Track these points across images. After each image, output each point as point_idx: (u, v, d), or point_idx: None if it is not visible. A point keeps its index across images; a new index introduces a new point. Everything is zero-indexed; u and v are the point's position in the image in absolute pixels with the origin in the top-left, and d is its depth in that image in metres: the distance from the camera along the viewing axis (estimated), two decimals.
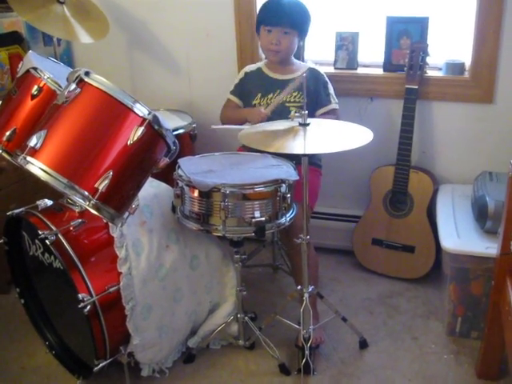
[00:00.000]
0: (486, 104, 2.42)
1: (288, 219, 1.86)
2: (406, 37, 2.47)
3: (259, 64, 2.43)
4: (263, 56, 2.62)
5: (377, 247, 2.60)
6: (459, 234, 2.09)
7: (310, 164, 1.81)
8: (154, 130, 1.55)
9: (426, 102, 2.48)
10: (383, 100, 2.57)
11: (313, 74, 2.34)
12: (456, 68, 2.45)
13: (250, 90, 2.37)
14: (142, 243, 1.87)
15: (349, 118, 2.45)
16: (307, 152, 1.60)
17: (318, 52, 2.68)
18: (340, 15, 2.62)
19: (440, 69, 2.53)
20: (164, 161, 1.69)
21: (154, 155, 1.62)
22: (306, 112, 1.68)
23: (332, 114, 2.32)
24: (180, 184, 1.85)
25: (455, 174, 2.56)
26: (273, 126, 1.78)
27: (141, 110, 1.53)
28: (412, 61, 2.40)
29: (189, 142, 2.52)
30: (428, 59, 2.39)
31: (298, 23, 2.26)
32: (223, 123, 2.42)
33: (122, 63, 2.89)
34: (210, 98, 2.76)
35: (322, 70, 2.59)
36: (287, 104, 2.27)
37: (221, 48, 2.70)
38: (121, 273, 1.80)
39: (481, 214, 2.08)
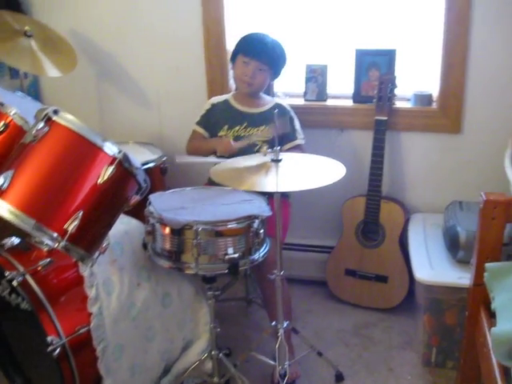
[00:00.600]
0: (454, 134, 2.46)
1: (261, 255, 1.84)
2: (375, 69, 2.51)
3: (226, 96, 2.44)
4: (233, 88, 2.63)
5: (350, 278, 2.59)
6: (432, 265, 2.10)
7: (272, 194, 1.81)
8: (124, 169, 1.52)
9: (395, 132, 2.51)
10: (353, 131, 2.59)
11: (279, 108, 2.34)
12: (424, 99, 2.49)
13: (216, 121, 2.37)
14: (112, 282, 1.82)
15: (319, 149, 2.46)
16: (280, 190, 1.59)
17: (287, 84, 2.69)
18: (309, 47, 2.64)
19: (408, 100, 2.57)
20: (135, 198, 1.66)
21: (124, 194, 1.59)
22: (279, 148, 1.67)
23: (298, 149, 2.33)
24: (151, 221, 1.82)
25: (426, 204, 2.59)
26: (244, 162, 1.77)
27: (110, 148, 1.50)
28: (381, 92, 2.43)
29: (159, 176, 2.49)
30: (396, 90, 2.43)
31: (275, 63, 2.30)
32: (191, 154, 2.41)
33: (91, 96, 2.87)
34: (180, 131, 2.72)
35: (292, 101, 2.63)
36: (254, 138, 2.27)
37: (191, 82, 2.70)
38: (91, 313, 1.74)
39: (452, 244, 2.10)
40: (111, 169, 1.48)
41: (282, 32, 2.59)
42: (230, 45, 2.60)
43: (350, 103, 2.59)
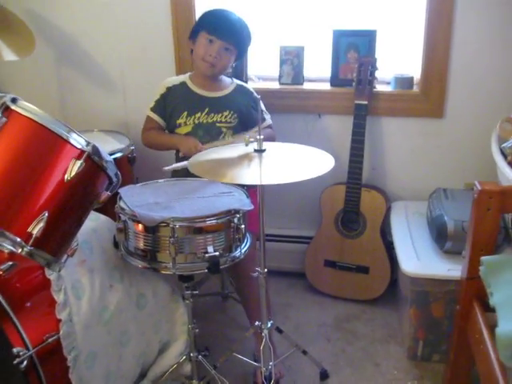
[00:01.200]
0: (436, 119, 2.38)
1: (243, 251, 1.72)
2: (354, 50, 2.40)
3: (182, 78, 2.22)
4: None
5: (330, 269, 2.50)
6: (418, 256, 2.02)
7: (253, 186, 1.70)
8: (93, 163, 1.37)
9: (375, 117, 2.41)
10: (331, 116, 2.48)
11: (242, 90, 2.21)
12: (405, 82, 2.39)
13: (174, 107, 2.15)
14: (82, 285, 1.67)
15: (295, 136, 2.37)
16: (264, 183, 1.46)
17: (261, 67, 2.55)
18: (284, 28, 2.51)
19: (388, 83, 2.46)
20: (105, 194, 1.51)
21: (94, 190, 1.44)
22: (262, 137, 1.54)
23: (270, 129, 2.20)
24: (123, 218, 1.67)
25: (407, 191, 2.51)
26: (224, 153, 1.63)
27: (78, 140, 1.34)
28: (360, 75, 2.32)
29: (127, 166, 2.33)
30: (377, 73, 2.32)
31: (242, 44, 2.12)
32: (146, 146, 2.24)
33: (51, 81, 2.67)
34: None
35: (266, 85, 2.50)
36: (218, 124, 2.12)
37: (158, 63, 2.53)
38: (60, 320, 1.59)
39: (440, 234, 2.01)
40: (79, 163, 1.33)
41: (253, 10, 2.45)
42: None
43: (327, 87, 2.47)
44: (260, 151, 1.55)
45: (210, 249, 1.61)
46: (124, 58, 2.56)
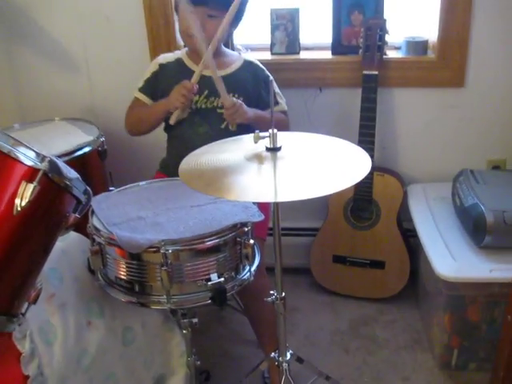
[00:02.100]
0: (456, 88, 2.05)
1: (253, 271, 1.38)
2: (358, 12, 2.04)
3: (178, 53, 1.87)
4: (182, 43, 2.09)
5: (339, 265, 2.19)
6: (453, 255, 1.71)
7: None
8: (52, 184, 1.01)
9: (385, 89, 2.07)
10: (335, 90, 2.13)
11: (250, 68, 1.85)
12: (418, 47, 2.05)
13: (167, 88, 1.78)
14: (52, 326, 1.32)
15: (293, 114, 2.02)
16: (281, 200, 1.10)
17: (250, 35, 2.17)
18: None
19: (397, 48, 2.12)
20: (73, 218, 1.15)
21: (57, 217, 1.08)
22: (276, 131, 1.18)
23: (281, 114, 1.84)
24: (98, 240, 1.31)
25: (423, 172, 2.20)
26: (225, 154, 1.26)
27: (27, 155, 0.98)
28: (368, 41, 1.97)
29: (97, 162, 1.94)
30: (387, 37, 1.97)
31: (227, 3, 1.68)
32: (129, 128, 1.88)
33: (1, 64, 2.24)
34: (116, 101, 2.16)
35: (257, 56, 2.12)
36: (219, 110, 1.76)
37: (126, 36, 2.13)
38: (27, 376, 1.25)
39: (477, 228, 1.70)
40: (32, 187, 0.97)
41: None
42: None
43: (328, 55, 2.11)
44: (274, 150, 1.18)
45: (214, 275, 1.27)
46: (86, 33, 2.14)
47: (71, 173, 1.04)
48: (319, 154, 1.23)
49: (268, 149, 1.19)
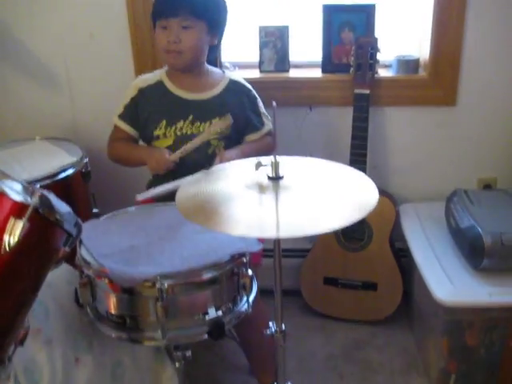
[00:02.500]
0: (447, 107, 2.03)
1: (251, 301, 1.32)
2: (348, 29, 2.00)
3: (158, 74, 1.76)
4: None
5: (331, 287, 2.14)
6: (450, 279, 1.67)
7: None
8: (43, 220, 0.93)
9: (377, 108, 2.04)
10: (325, 108, 2.09)
11: (236, 89, 1.77)
12: (410, 65, 2.03)
13: (148, 114, 1.71)
14: (38, 365, 1.25)
15: (283, 134, 1.97)
16: (284, 236, 1.02)
17: (238, 52, 2.12)
18: (265, 4, 2.08)
19: (387, 66, 2.09)
20: (62, 252, 1.08)
21: (47, 253, 1.00)
22: (279, 160, 1.12)
23: (269, 136, 1.79)
24: (87, 272, 1.24)
25: (414, 191, 2.17)
26: (225, 183, 1.19)
27: (15, 189, 0.91)
28: (359, 59, 1.94)
29: (81, 184, 1.85)
30: (378, 56, 1.94)
31: (203, 11, 1.61)
32: (112, 160, 1.81)
33: None
34: (99, 120, 2.11)
35: (245, 74, 2.06)
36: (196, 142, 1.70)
37: (111, 52, 2.06)
38: None
39: (474, 250, 1.67)
40: (21, 224, 0.89)
41: None
42: None
43: (318, 74, 2.07)
44: (276, 179, 1.13)
45: (211, 309, 1.21)
46: (68, 49, 2.06)
47: (63, 207, 0.96)
48: (323, 183, 1.17)
49: (270, 178, 1.13)
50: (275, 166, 1.12)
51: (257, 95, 1.81)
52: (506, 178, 2.08)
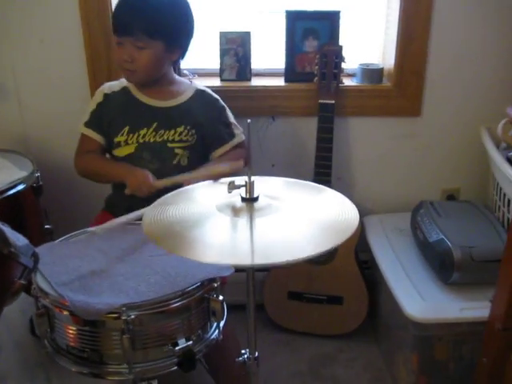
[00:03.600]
0: (412, 117, 2.01)
1: (222, 327, 1.25)
2: (313, 37, 1.96)
3: (124, 81, 1.70)
4: None
5: (295, 302, 2.08)
6: (421, 294, 1.64)
7: None
8: None
9: (341, 118, 1.99)
10: (288, 119, 2.03)
11: (202, 98, 1.72)
12: (374, 74, 2.00)
13: (111, 120, 1.65)
14: None
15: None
16: (258, 262, 0.94)
17: (198, 59, 2.03)
18: (225, 9, 2.01)
19: (350, 75, 2.05)
20: (18, 284, 0.98)
21: (2, 288, 0.91)
22: (253, 180, 1.05)
23: (240, 149, 1.73)
24: (44, 303, 1.14)
25: (378, 203, 2.14)
26: (196, 205, 1.11)
27: None
28: (324, 68, 1.89)
29: (32, 199, 1.73)
30: (343, 65, 1.90)
31: (158, 31, 1.54)
32: (80, 174, 1.71)
33: None
34: (51, 130, 2.01)
35: (205, 82, 1.98)
36: (169, 144, 1.63)
37: (63, 60, 1.93)
38: None
39: (444, 265, 1.64)
40: None
41: None
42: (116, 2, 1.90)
43: (281, 82, 2.01)
44: (250, 200, 1.06)
45: (181, 340, 1.13)
46: (16, 55, 1.92)
47: (19, 239, 0.87)
48: (301, 205, 1.11)
49: (244, 199, 1.06)
50: (249, 186, 1.04)
51: (225, 105, 1.75)
52: (470, 188, 2.09)
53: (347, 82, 2.00)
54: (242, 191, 1.06)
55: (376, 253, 1.88)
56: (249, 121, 1.10)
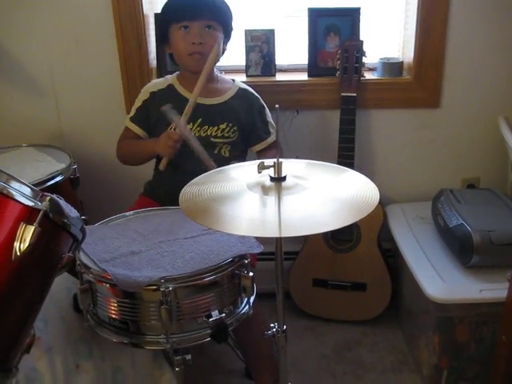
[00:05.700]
0: (431, 109, 2.07)
1: (252, 302, 1.33)
2: (334, 33, 2.03)
3: (169, 79, 1.81)
4: (154, 64, 2.04)
5: (320, 289, 2.15)
6: (441, 276, 1.70)
7: None
8: (52, 224, 0.93)
9: (363, 110, 2.06)
10: (312, 112, 2.11)
11: (244, 97, 1.82)
12: (394, 68, 2.06)
13: (158, 117, 1.73)
14: (39, 374, 1.24)
15: None
16: (286, 235, 1.02)
17: (224, 56, 2.11)
18: (250, 8, 2.09)
19: (371, 69, 2.12)
20: (67, 257, 1.07)
21: (54, 258, 1.00)
22: (282, 161, 1.14)
23: (274, 148, 1.81)
24: (87, 278, 1.23)
25: (399, 192, 2.19)
26: (228, 184, 1.20)
27: (24, 193, 0.90)
28: (346, 63, 1.96)
29: (70, 191, 1.83)
30: (364, 59, 1.97)
31: (222, 15, 1.70)
32: (121, 160, 1.82)
33: None
34: (86, 125, 2.12)
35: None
36: (212, 139, 1.73)
37: (96, 58, 2.04)
38: None
39: (464, 248, 1.70)
40: (31, 229, 0.89)
41: None
42: (147, 5, 2.00)
43: (304, 77, 2.09)
44: (278, 179, 1.14)
45: (214, 312, 1.21)
46: (53, 54, 2.03)
47: (72, 212, 0.96)
48: (325, 184, 1.18)
49: (272, 178, 1.14)
50: (278, 166, 1.13)
51: (264, 104, 1.85)
52: (489, 177, 2.13)
53: (368, 75, 2.07)
54: (271, 171, 1.14)
55: (398, 240, 1.94)
56: (277, 106, 1.17)
